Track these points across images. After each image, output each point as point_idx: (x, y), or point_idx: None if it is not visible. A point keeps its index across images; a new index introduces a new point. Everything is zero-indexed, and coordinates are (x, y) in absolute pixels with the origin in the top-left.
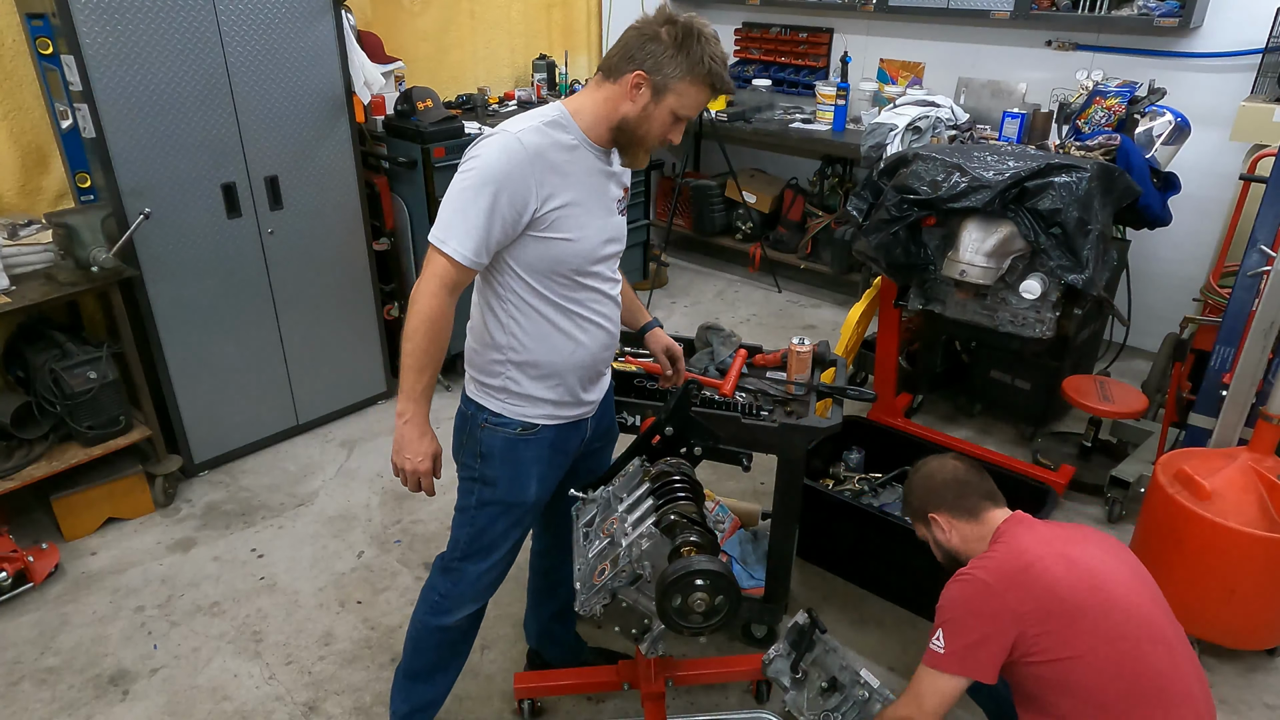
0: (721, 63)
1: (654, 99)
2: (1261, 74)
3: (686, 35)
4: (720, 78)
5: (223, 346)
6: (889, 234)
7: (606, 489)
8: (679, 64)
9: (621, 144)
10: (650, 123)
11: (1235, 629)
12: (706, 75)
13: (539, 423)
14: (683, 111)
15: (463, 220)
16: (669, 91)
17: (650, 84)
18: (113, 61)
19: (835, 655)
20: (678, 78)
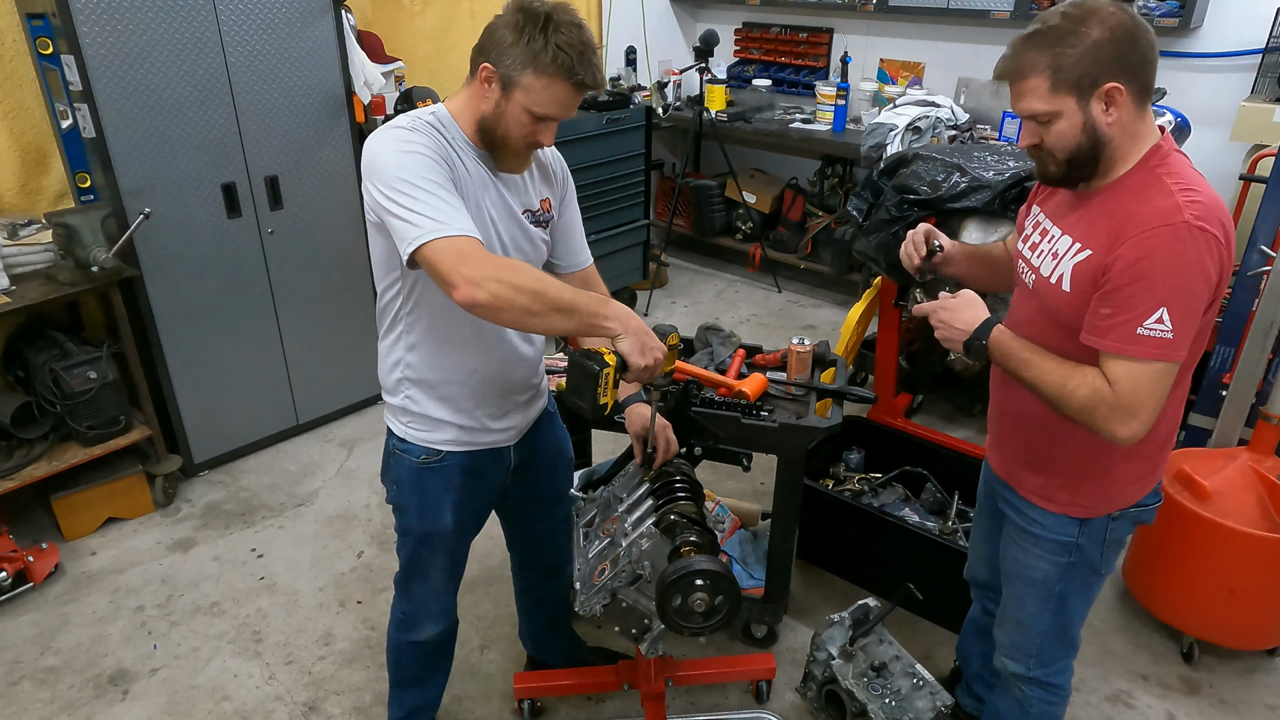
0: (575, 51)
1: (503, 94)
2: (1261, 74)
3: (531, 21)
4: (570, 69)
5: (223, 346)
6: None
7: (606, 489)
8: (520, 53)
9: (489, 146)
10: (506, 121)
11: (1235, 629)
12: (551, 65)
13: (443, 449)
14: (537, 109)
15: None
16: (516, 86)
17: (498, 78)
18: (113, 61)
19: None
20: (520, 69)
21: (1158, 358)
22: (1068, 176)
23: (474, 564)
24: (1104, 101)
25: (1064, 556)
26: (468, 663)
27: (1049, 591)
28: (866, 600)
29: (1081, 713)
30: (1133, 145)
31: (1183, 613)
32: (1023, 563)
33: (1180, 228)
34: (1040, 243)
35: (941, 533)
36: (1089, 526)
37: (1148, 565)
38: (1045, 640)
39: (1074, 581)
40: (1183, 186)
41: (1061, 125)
